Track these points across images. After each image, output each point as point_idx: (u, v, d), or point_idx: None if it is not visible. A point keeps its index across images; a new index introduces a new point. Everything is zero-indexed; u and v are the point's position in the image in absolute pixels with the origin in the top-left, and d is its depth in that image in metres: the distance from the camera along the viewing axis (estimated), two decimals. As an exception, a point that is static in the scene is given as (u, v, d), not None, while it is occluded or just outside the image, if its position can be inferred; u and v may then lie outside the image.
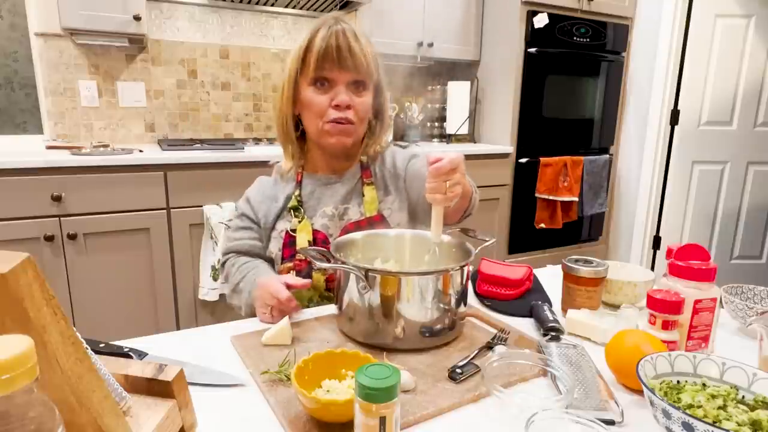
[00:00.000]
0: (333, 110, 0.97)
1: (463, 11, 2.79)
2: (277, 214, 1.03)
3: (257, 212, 1.04)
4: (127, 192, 1.83)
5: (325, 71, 0.95)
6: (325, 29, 0.95)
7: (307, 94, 0.98)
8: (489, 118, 2.89)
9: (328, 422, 0.54)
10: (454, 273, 0.73)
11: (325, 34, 0.94)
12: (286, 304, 0.82)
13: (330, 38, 0.94)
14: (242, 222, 1.06)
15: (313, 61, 0.95)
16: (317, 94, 0.97)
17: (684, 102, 2.82)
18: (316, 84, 0.97)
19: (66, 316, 0.37)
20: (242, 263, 1.00)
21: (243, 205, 1.07)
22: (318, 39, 0.94)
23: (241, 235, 1.04)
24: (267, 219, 1.03)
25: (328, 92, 0.97)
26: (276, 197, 1.04)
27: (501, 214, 2.78)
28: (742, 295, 0.89)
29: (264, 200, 1.05)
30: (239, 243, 1.04)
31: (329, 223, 1.01)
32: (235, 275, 0.99)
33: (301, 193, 1.04)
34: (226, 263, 1.05)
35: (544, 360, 0.64)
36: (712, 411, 0.51)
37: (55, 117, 2.23)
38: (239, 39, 2.54)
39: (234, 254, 1.04)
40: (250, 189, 1.09)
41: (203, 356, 0.71)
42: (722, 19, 2.73)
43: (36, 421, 0.29)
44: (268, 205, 1.04)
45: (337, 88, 0.97)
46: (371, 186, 1.05)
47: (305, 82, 0.98)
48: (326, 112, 0.97)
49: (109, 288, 1.87)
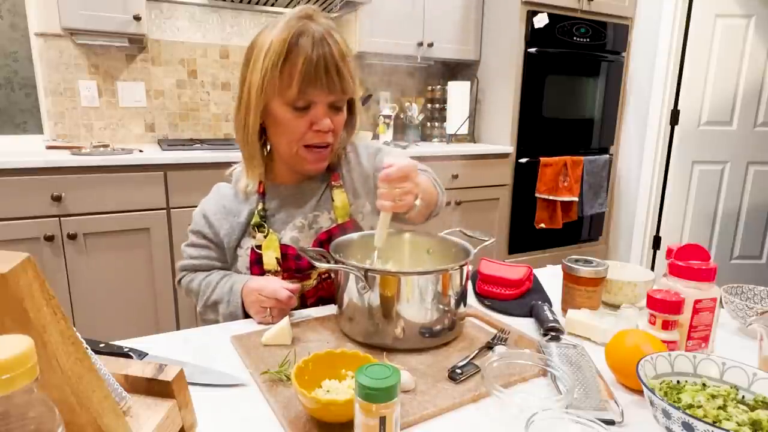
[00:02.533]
0: (312, 134, 0.88)
1: (463, 11, 2.79)
2: (241, 231, 0.94)
3: (218, 230, 0.94)
4: (127, 192, 1.83)
5: (308, 93, 0.84)
6: (307, 39, 0.82)
7: (282, 113, 0.86)
8: (489, 118, 2.89)
9: (328, 422, 0.54)
10: (453, 273, 0.73)
11: (308, 46, 0.81)
12: (287, 303, 0.81)
13: (316, 54, 0.81)
14: (198, 239, 0.96)
15: (296, 81, 0.82)
16: (294, 116, 0.86)
17: (684, 102, 2.82)
18: (296, 104, 0.85)
19: (66, 316, 0.37)
20: (203, 277, 0.95)
21: (200, 222, 0.96)
22: (301, 52, 0.81)
23: (197, 253, 0.96)
24: (230, 237, 0.93)
25: (306, 113, 0.86)
26: (238, 212, 0.94)
27: (501, 214, 2.78)
28: (742, 295, 0.89)
29: (226, 216, 0.94)
30: (195, 263, 0.97)
31: (299, 235, 0.94)
32: (203, 290, 0.93)
33: (264, 207, 0.94)
34: (182, 280, 0.99)
35: (544, 360, 0.64)
36: (712, 411, 0.51)
37: (55, 117, 2.23)
38: (239, 39, 2.54)
39: (189, 271, 0.98)
40: (206, 201, 0.98)
41: (203, 356, 0.71)
42: (722, 19, 2.73)
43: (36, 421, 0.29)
44: (231, 221, 0.93)
45: (318, 110, 0.86)
46: (340, 189, 0.97)
47: (280, 99, 0.85)
48: (304, 136, 0.88)
49: (109, 288, 1.87)
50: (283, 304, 0.81)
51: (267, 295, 0.82)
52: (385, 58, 2.76)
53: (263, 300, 0.82)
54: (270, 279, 0.86)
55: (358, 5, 2.46)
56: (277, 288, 0.82)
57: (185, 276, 0.99)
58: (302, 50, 0.81)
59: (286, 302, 0.81)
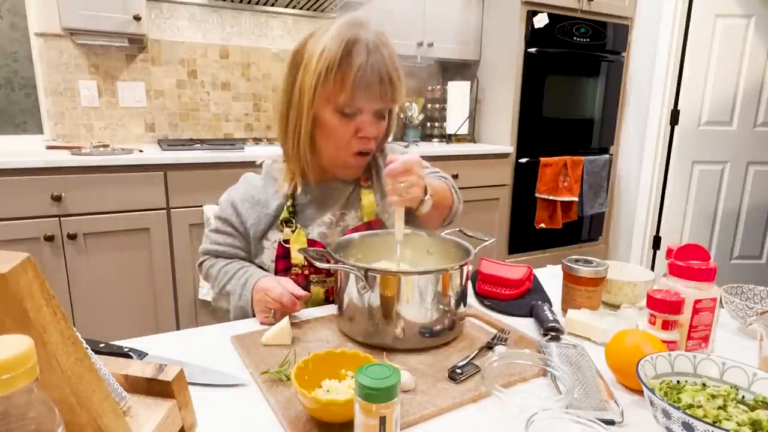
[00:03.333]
0: (357, 141, 0.89)
1: (463, 11, 2.79)
2: (268, 223, 0.95)
3: (245, 220, 0.95)
4: (127, 192, 1.83)
5: (359, 100, 0.85)
6: (363, 49, 0.82)
7: (330, 118, 0.88)
8: (489, 118, 2.89)
9: (328, 422, 0.54)
10: (453, 273, 0.73)
11: (363, 55, 0.82)
12: (291, 308, 0.82)
13: (370, 62, 0.82)
14: (224, 226, 0.98)
15: (348, 88, 0.83)
16: (342, 122, 0.87)
17: (684, 102, 2.82)
18: (344, 110, 0.87)
19: (66, 316, 0.37)
20: (223, 265, 0.96)
21: (227, 209, 0.97)
22: (354, 60, 0.82)
23: (223, 240, 0.98)
24: (257, 228, 0.95)
25: (353, 119, 0.88)
26: (267, 203, 0.95)
27: (501, 214, 2.78)
28: (742, 295, 0.89)
29: (254, 206, 0.95)
30: (218, 249, 0.98)
31: (327, 231, 0.96)
32: (219, 278, 0.95)
33: (294, 203, 0.96)
34: (203, 263, 1.00)
35: (544, 360, 0.64)
36: (712, 411, 0.51)
37: (55, 117, 2.23)
38: (239, 39, 2.54)
39: (212, 256, 1.00)
40: (235, 190, 0.99)
41: (203, 356, 0.71)
42: (722, 19, 2.73)
43: (36, 421, 0.29)
44: (258, 212, 0.95)
45: (364, 117, 0.88)
46: (369, 190, 1.00)
47: (329, 104, 0.87)
48: (350, 143, 0.89)
49: (109, 288, 1.87)
50: (286, 308, 0.81)
51: (273, 297, 0.82)
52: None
53: (268, 301, 0.82)
54: (282, 280, 0.85)
55: (358, 5, 2.46)
56: (284, 292, 0.81)
57: (207, 260, 1.00)
58: (357, 57, 0.82)
59: (290, 307, 0.81)
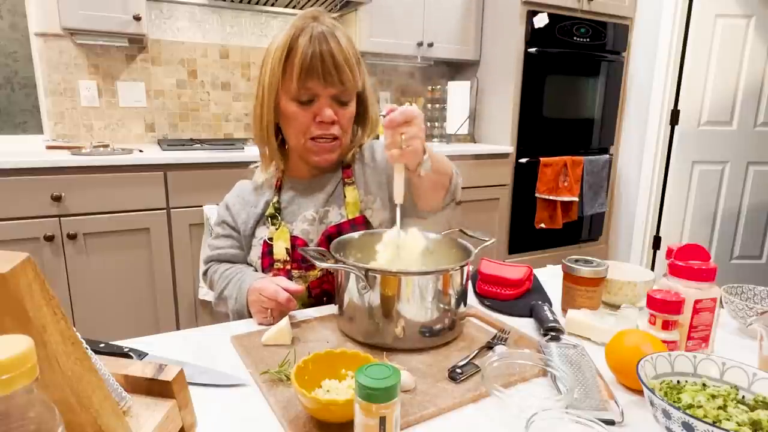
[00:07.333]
0: (316, 127, 0.92)
1: (463, 11, 2.79)
2: (256, 220, 1.00)
3: (237, 219, 1.01)
4: (127, 192, 1.83)
5: (308, 86, 0.89)
6: (306, 37, 0.87)
7: (288, 107, 0.92)
8: (489, 118, 2.89)
9: (328, 422, 0.54)
10: (454, 273, 0.73)
11: (306, 42, 0.86)
12: (286, 305, 0.82)
13: (313, 49, 0.86)
14: (223, 230, 1.03)
15: (295, 75, 0.87)
16: (300, 110, 0.91)
17: (684, 102, 2.82)
18: (299, 98, 0.91)
19: (66, 316, 0.36)
20: (224, 270, 0.99)
21: (223, 212, 1.04)
22: (300, 48, 0.87)
23: (222, 244, 1.03)
24: (246, 226, 1.00)
25: (310, 106, 0.91)
26: (256, 203, 1.01)
27: (501, 214, 2.78)
28: (742, 295, 0.89)
29: (244, 206, 1.01)
30: (220, 252, 1.02)
31: (309, 227, 0.98)
32: (219, 283, 0.98)
33: (279, 200, 1.00)
34: (207, 271, 1.04)
35: (544, 360, 0.64)
36: (712, 411, 0.51)
37: (55, 117, 2.23)
38: (239, 39, 2.54)
39: (215, 262, 1.03)
40: (229, 194, 1.06)
41: (203, 356, 0.71)
42: (722, 19, 2.73)
43: (36, 421, 0.29)
44: (248, 211, 1.01)
45: (321, 102, 0.91)
46: (352, 186, 1.00)
47: (286, 94, 0.91)
48: (309, 129, 0.93)
49: (109, 288, 1.87)
50: (282, 306, 0.81)
51: (267, 296, 0.82)
52: (385, 58, 2.76)
53: (264, 300, 0.83)
54: (275, 279, 0.86)
55: (358, 5, 2.46)
56: (278, 289, 0.82)
57: (210, 267, 1.04)
58: (302, 44, 0.87)
59: (285, 304, 0.81)
